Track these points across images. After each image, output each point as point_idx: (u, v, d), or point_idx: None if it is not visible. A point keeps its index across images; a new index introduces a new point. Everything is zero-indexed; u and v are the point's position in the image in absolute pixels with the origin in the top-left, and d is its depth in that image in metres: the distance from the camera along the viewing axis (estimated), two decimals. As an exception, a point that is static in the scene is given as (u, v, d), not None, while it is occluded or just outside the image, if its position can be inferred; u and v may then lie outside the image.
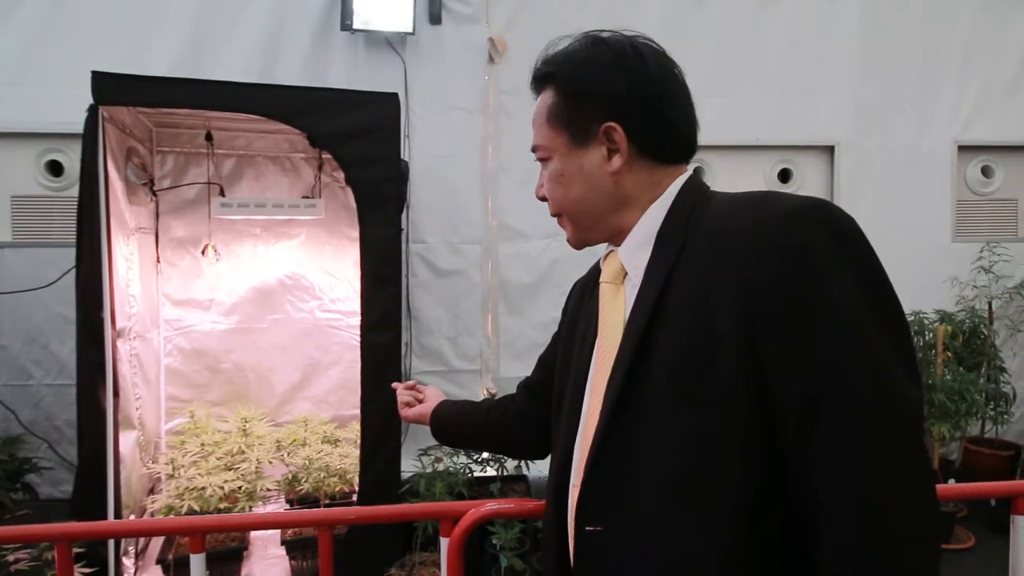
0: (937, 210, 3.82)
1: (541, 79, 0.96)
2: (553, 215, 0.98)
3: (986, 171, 3.91)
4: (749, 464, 0.74)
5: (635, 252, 0.90)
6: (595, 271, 1.04)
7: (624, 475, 0.81)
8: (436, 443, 2.96)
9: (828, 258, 0.73)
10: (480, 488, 2.96)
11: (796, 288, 0.72)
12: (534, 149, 0.97)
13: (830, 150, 3.79)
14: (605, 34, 0.93)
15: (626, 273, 0.92)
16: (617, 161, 0.88)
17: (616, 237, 0.94)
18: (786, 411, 0.72)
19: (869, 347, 0.71)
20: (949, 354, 3.40)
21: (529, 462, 3.01)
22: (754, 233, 0.76)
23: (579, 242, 0.98)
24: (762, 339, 0.73)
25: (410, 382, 1.46)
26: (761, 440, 0.74)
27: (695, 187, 0.90)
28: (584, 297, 1.05)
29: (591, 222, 0.94)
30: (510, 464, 3.05)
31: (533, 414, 1.18)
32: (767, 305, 0.73)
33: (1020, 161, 3.92)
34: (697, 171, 0.92)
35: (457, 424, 1.31)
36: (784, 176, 3.85)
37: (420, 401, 1.39)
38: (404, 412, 1.38)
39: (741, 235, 0.77)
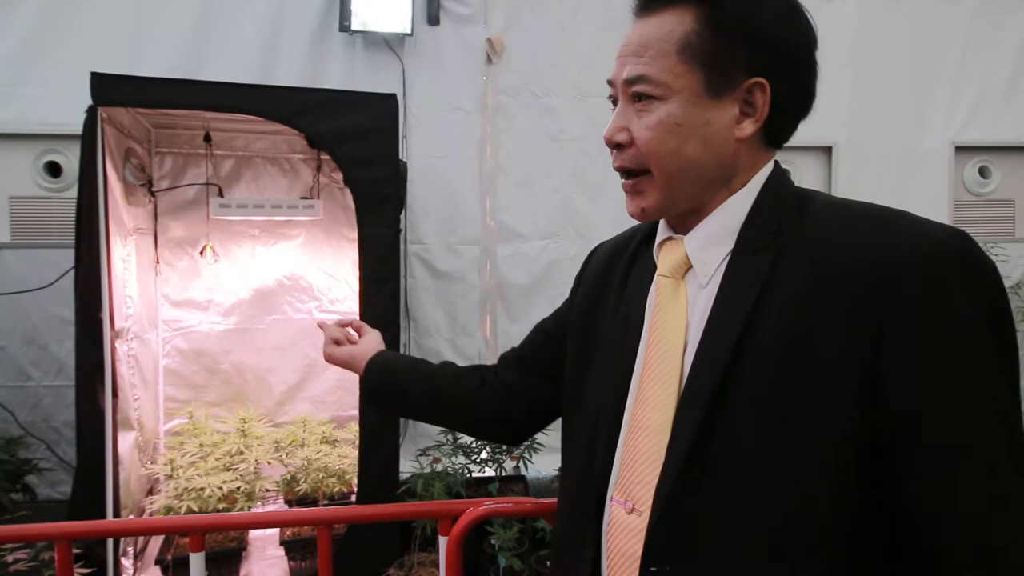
0: (934, 210, 3.82)
1: None
2: (627, 168, 0.80)
3: (983, 172, 3.92)
4: (848, 513, 0.65)
5: (707, 247, 0.77)
6: (628, 239, 0.92)
7: (702, 516, 0.69)
8: (435, 444, 3.00)
9: (973, 310, 0.64)
10: (478, 488, 2.96)
11: (938, 340, 0.63)
12: (633, 80, 0.76)
13: (828, 151, 3.79)
14: None
15: (689, 267, 0.78)
16: (749, 127, 0.74)
17: (690, 218, 0.79)
18: (910, 484, 0.64)
19: (1005, 420, 0.64)
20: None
21: (528, 462, 3.00)
22: (890, 264, 0.65)
23: (659, 210, 0.80)
24: (888, 388, 0.64)
25: (347, 319, 1.24)
26: (863, 491, 0.65)
27: (784, 182, 0.78)
28: (613, 273, 0.91)
29: (685, 192, 0.77)
30: (508, 465, 3.05)
31: (524, 391, 1.04)
32: (900, 353, 0.63)
33: (1017, 162, 3.93)
34: (779, 163, 0.80)
35: (407, 384, 1.10)
36: (782, 176, 3.86)
37: (352, 342, 1.19)
38: (329, 351, 1.18)
39: (870, 263, 0.66)
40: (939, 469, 0.64)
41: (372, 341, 1.19)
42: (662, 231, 0.84)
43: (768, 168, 0.78)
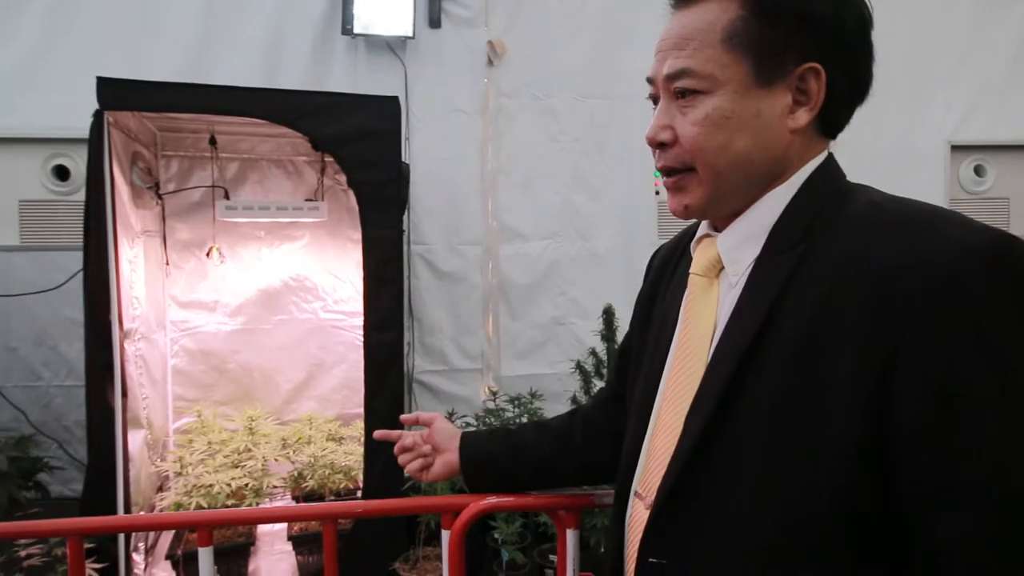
0: (930, 208, 3.84)
1: None
2: (671, 168, 0.75)
3: (978, 170, 3.92)
4: (852, 532, 0.62)
5: (739, 245, 0.72)
6: (681, 239, 0.88)
7: (701, 515, 0.68)
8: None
9: (1002, 333, 0.57)
10: (482, 484, 2.97)
11: (958, 364, 0.57)
12: (675, 76, 0.71)
13: (824, 150, 3.80)
14: None
15: (722, 267, 0.75)
16: (804, 116, 0.68)
17: (734, 217, 0.74)
18: (923, 491, 0.59)
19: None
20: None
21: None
22: (905, 282, 0.59)
23: (704, 210, 0.75)
24: (899, 413, 0.59)
25: (405, 433, 1.19)
26: (868, 505, 0.61)
27: (830, 176, 0.72)
28: (666, 273, 0.88)
29: (734, 189, 0.72)
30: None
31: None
32: (906, 388, 0.58)
33: (1012, 160, 3.94)
34: (832, 156, 0.73)
35: (511, 472, 1.10)
36: (779, 175, 3.87)
37: (434, 450, 1.16)
38: (425, 477, 1.17)
39: (894, 269, 0.60)
40: (961, 527, 0.57)
41: (445, 434, 1.16)
42: (702, 228, 0.80)
43: (817, 161, 0.72)
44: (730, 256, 0.73)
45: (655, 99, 0.77)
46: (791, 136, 0.69)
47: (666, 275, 0.88)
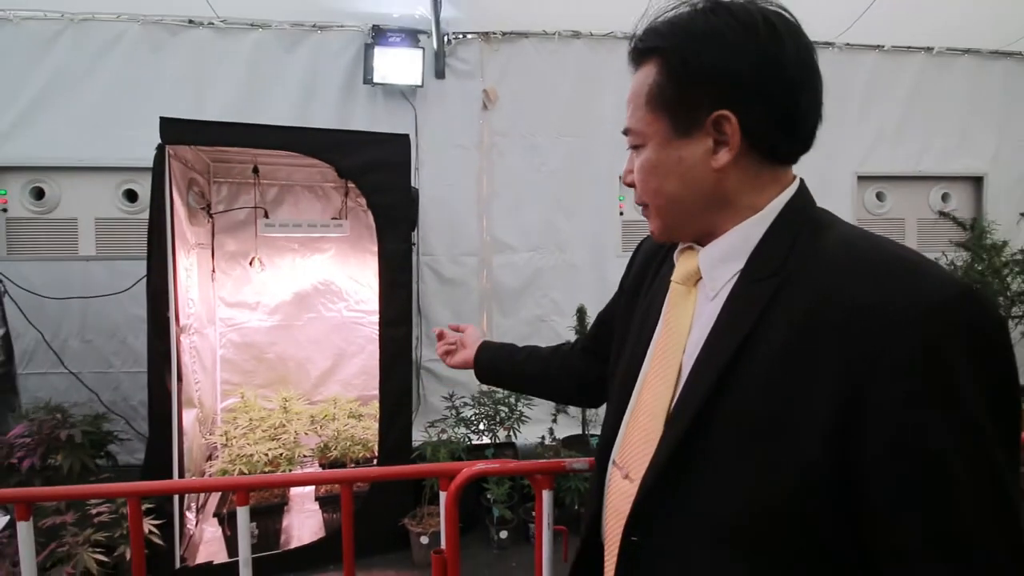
0: (842, 227, 3.86)
1: (645, 52, 0.67)
2: (638, 204, 0.74)
3: (879, 196, 3.95)
4: (812, 540, 0.57)
5: (717, 264, 0.67)
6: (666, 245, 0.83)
7: (677, 507, 0.64)
8: (442, 417, 2.99)
9: (965, 377, 0.50)
10: (477, 453, 2.96)
11: (927, 405, 0.51)
12: (626, 132, 0.70)
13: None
14: (733, 3, 0.64)
15: (699, 278, 0.70)
16: (724, 156, 0.63)
17: (704, 238, 0.69)
18: (881, 523, 0.53)
19: (995, 483, 0.51)
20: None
21: (517, 432, 3.01)
22: (885, 318, 0.52)
23: (665, 237, 0.73)
24: (868, 427, 0.53)
25: (448, 332, 1.25)
26: (831, 519, 0.56)
27: (803, 207, 0.67)
28: (649, 269, 0.84)
29: (681, 221, 0.69)
30: (501, 434, 3.05)
31: (590, 370, 1.02)
32: (885, 400, 0.52)
33: (906, 188, 3.97)
34: (804, 185, 0.69)
35: (509, 374, 1.16)
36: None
37: (460, 345, 1.21)
38: (448, 361, 1.21)
39: (865, 312, 0.53)
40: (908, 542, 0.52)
41: (472, 340, 1.21)
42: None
43: (788, 193, 0.67)
44: (709, 272, 0.68)
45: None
46: (717, 173, 0.65)
47: (649, 272, 0.83)
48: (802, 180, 0.69)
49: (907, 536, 0.52)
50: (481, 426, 3.01)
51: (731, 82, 0.62)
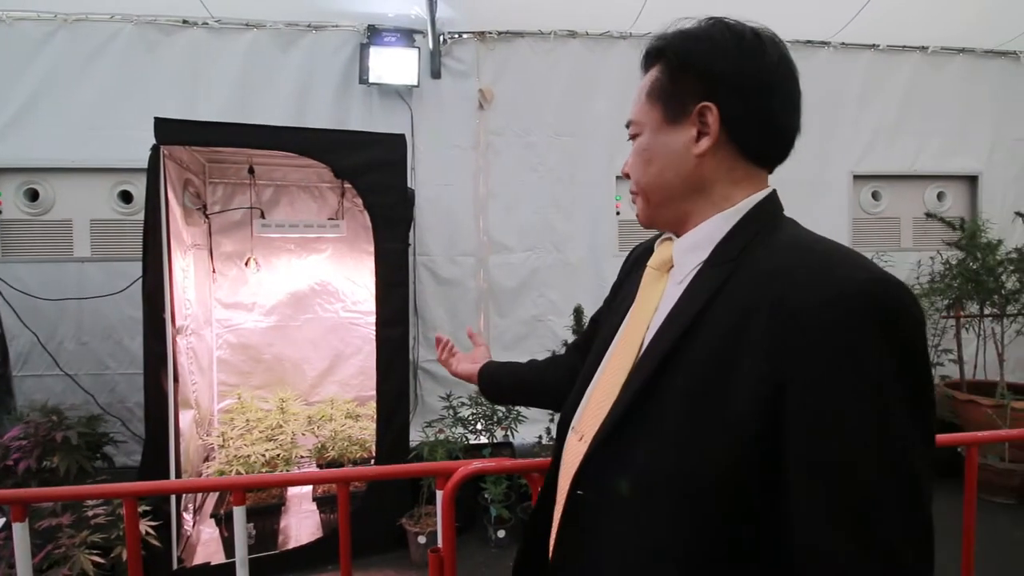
0: (837, 226, 3.88)
1: (653, 54, 0.76)
2: (631, 192, 0.80)
3: (875, 195, 3.98)
4: (738, 500, 0.62)
5: (688, 252, 0.74)
6: (650, 243, 0.90)
7: (622, 462, 0.69)
8: (439, 417, 3.00)
9: (879, 355, 0.56)
10: (474, 453, 2.96)
11: (839, 372, 0.56)
12: (628, 125, 0.78)
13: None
14: (730, 20, 0.73)
15: (672, 265, 0.77)
16: (705, 143, 0.70)
17: (681, 226, 0.76)
18: (797, 479, 0.58)
19: (888, 433, 0.56)
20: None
21: (514, 431, 3.02)
22: (808, 298, 0.59)
23: (648, 221, 0.79)
24: (787, 403, 0.58)
25: (443, 336, 1.29)
26: (758, 482, 0.60)
27: (771, 211, 0.72)
28: (637, 265, 0.90)
29: (662, 202, 0.76)
30: (499, 434, 3.06)
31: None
32: (802, 376, 0.57)
33: (901, 187, 3.99)
34: (776, 194, 0.75)
35: (507, 386, 1.19)
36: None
37: (470, 359, 1.24)
38: (453, 368, 1.24)
39: (793, 293, 0.60)
40: (821, 511, 0.57)
41: (483, 355, 1.25)
42: (666, 232, 0.83)
43: (759, 196, 0.72)
44: (679, 259, 0.75)
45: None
46: (698, 159, 0.72)
47: (634, 270, 0.90)
48: (775, 190, 0.74)
49: (814, 505, 0.57)
50: (479, 426, 3.02)
51: (712, 76, 0.70)
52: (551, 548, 0.79)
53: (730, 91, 0.70)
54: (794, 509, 0.59)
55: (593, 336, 1.00)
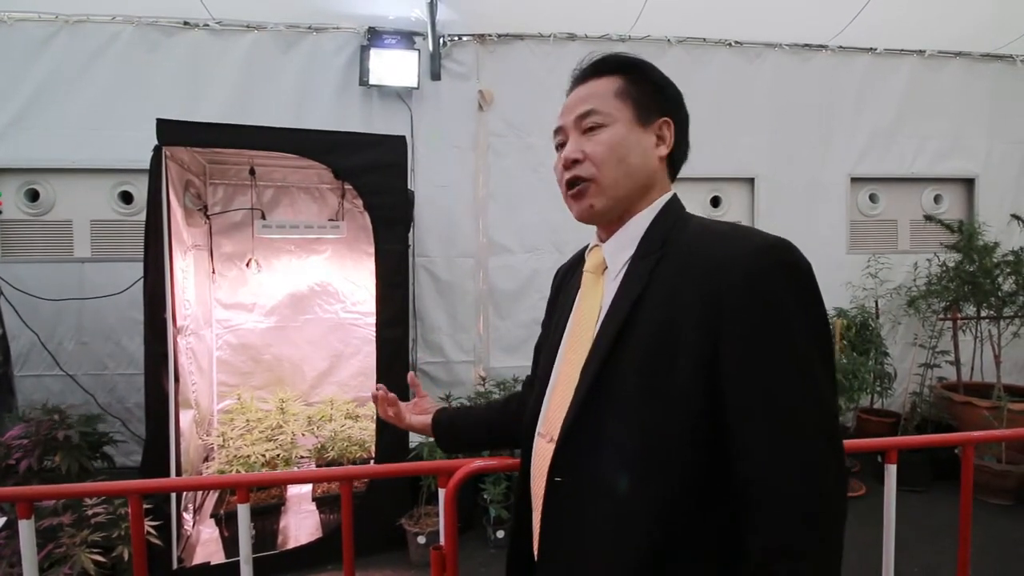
0: (835, 228, 3.91)
1: (615, 66, 0.85)
2: (576, 180, 0.84)
3: (872, 198, 4.00)
4: (696, 450, 0.71)
5: (617, 251, 0.84)
6: (576, 259, 0.98)
7: (592, 442, 0.76)
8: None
9: (784, 294, 0.70)
10: (473, 453, 2.97)
11: (755, 316, 0.69)
12: (584, 116, 0.83)
13: (751, 181, 3.86)
14: None
15: (606, 267, 0.85)
16: (663, 150, 0.84)
17: (618, 221, 0.85)
18: (733, 412, 0.69)
19: (806, 368, 0.69)
20: (845, 342, 3.48)
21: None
22: (724, 263, 0.71)
23: (599, 213, 0.84)
24: (722, 353, 0.69)
25: (392, 396, 1.16)
26: (709, 431, 0.70)
27: (677, 206, 0.85)
28: (565, 280, 0.99)
29: (624, 195, 0.83)
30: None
31: None
32: (729, 327, 0.69)
33: (899, 190, 4.02)
34: (676, 194, 0.88)
35: (470, 428, 1.14)
36: (715, 202, 3.91)
37: (415, 410, 1.18)
38: (403, 421, 1.16)
39: (713, 262, 0.72)
40: (756, 432, 0.68)
41: (427, 404, 1.20)
42: (592, 240, 0.92)
43: (668, 196, 0.85)
44: (611, 258, 0.84)
45: (562, 145, 0.87)
46: (659, 163, 0.84)
47: (566, 282, 0.97)
48: (675, 193, 0.87)
49: (751, 436, 0.69)
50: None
51: (673, 100, 0.85)
52: (536, 544, 0.83)
53: (678, 112, 0.85)
54: (734, 449, 0.69)
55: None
